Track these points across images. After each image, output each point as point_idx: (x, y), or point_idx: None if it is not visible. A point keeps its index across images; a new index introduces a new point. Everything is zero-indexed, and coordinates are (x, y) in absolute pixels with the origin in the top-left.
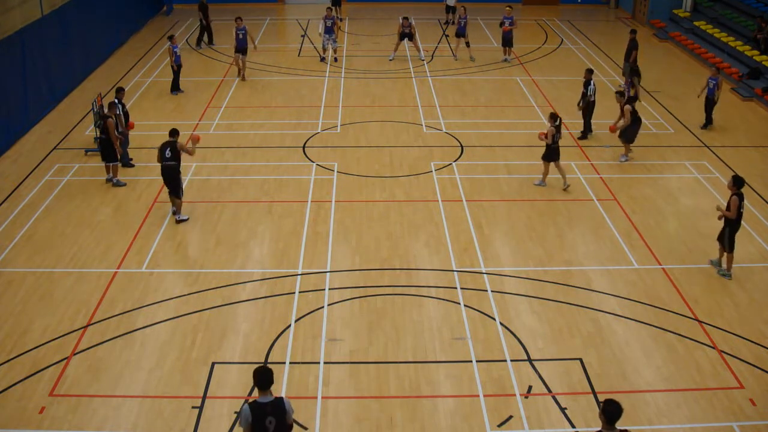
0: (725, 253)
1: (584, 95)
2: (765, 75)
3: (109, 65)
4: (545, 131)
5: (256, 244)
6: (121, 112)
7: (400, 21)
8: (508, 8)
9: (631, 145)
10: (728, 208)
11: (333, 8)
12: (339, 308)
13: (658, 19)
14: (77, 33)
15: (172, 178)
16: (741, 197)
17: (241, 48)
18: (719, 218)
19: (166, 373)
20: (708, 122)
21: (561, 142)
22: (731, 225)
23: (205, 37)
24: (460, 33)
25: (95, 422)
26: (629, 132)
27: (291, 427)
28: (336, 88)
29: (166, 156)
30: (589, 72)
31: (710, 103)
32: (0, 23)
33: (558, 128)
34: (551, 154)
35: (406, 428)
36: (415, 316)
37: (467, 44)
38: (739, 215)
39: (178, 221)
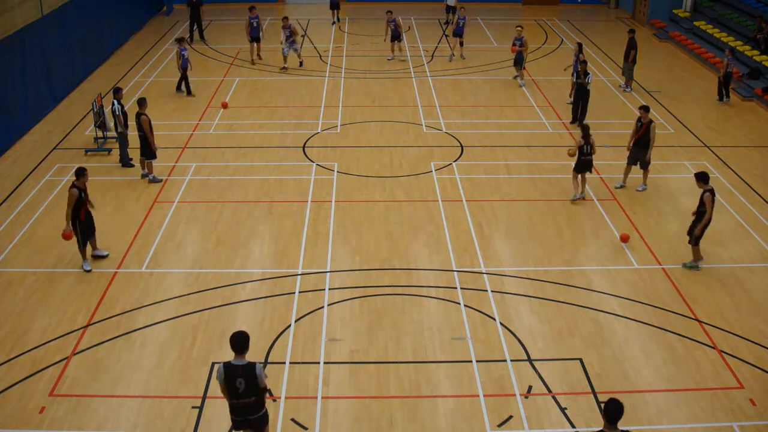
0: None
1: (579, 85)
2: (765, 75)
3: (109, 65)
4: (573, 148)
5: (256, 244)
6: (120, 113)
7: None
8: (518, 28)
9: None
10: (702, 205)
11: (289, 18)
12: (339, 308)
13: (658, 19)
14: (77, 33)
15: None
16: (713, 192)
17: (255, 37)
18: (693, 215)
19: (166, 373)
20: (726, 96)
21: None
22: (702, 218)
23: (196, 35)
24: (458, 33)
25: (95, 422)
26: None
27: (264, 390)
28: (336, 88)
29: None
30: (580, 46)
31: (728, 80)
32: (0, 23)
33: (587, 140)
34: (579, 165)
35: (406, 428)
36: (415, 316)
37: (461, 44)
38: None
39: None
